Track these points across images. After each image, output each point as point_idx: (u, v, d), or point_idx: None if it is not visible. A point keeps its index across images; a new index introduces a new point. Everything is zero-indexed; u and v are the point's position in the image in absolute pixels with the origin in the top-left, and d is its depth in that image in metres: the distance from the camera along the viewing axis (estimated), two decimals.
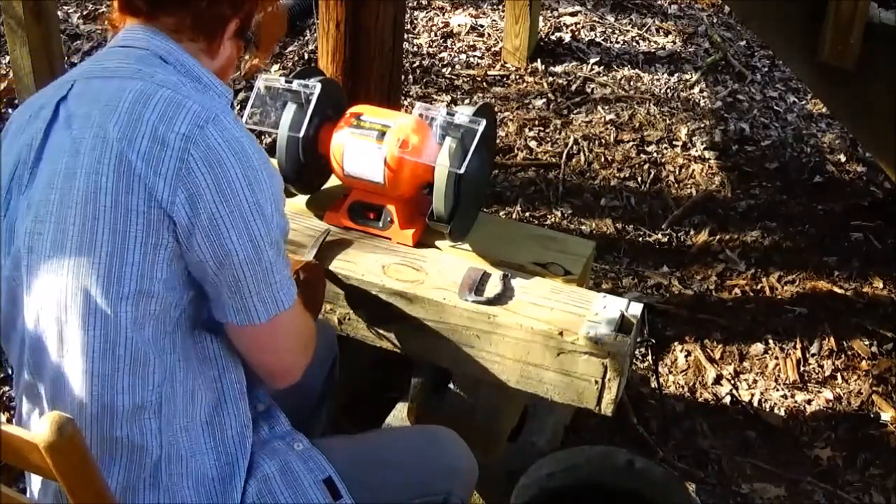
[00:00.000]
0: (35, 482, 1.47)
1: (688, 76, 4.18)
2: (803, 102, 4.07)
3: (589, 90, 4.03)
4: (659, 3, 4.79)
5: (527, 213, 3.30)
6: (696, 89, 4.09)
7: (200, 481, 1.41)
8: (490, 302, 1.83)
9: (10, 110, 3.52)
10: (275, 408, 1.56)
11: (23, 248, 1.34)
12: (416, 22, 4.47)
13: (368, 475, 1.53)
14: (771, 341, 2.83)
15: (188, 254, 1.30)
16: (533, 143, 3.66)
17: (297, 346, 1.47)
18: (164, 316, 1.32)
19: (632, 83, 4.10)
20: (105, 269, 1.28)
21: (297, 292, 1.42)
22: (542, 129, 3.75)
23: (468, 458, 1.67)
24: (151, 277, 1.29)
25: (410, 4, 4.56)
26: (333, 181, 2.08)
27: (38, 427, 1.09)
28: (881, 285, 3.05)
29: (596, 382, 1.79)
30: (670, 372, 2.72)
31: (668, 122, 3.83)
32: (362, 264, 1.92)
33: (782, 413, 2.62)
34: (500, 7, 4.55)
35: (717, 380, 2.70)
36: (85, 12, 4.27)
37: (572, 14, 4.61)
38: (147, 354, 1.32)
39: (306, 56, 4.15)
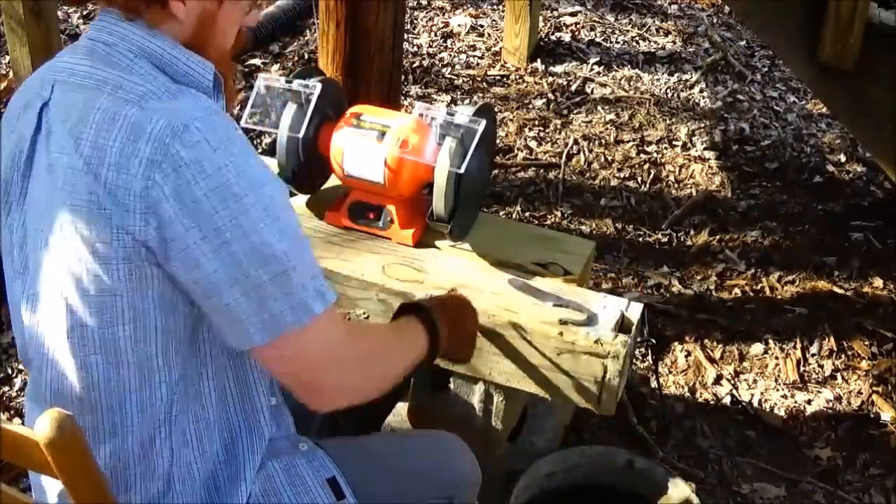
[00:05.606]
0: (37, 479, 1.47)
1: (688, 76, 4.18)
2: (803, 102, 4.07)
3: (589, 90, 4.03)
4: (659, 3, 4.79)
5: (527, 213, 3.30)
6: (696, 89, 4.09)
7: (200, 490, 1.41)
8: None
9: None
10: (284, 406, 1.55)
11: (19, 267, 1.35)
12: (416, 22, 4.47)
13: (372, 477, 1.52)
14: (771, 341, 2.83)
15: (174, 279, 1.25)
16: (533, 143, 3.66)
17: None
18: (172, 334, 1.29)
19: (632, 83, 4.10)
20: (96, 303, 1.26)
21: (323, 304, 1.28)
22: (542, 129, 3.75)
23: (472, 465, 1.67)
24: (144, 303, 1.26)
25: (410, 4, 4.57)
26: (333, 181, 2.08)
27: (39, 424, 1.09)
28: (881, 285, 3.05)
29: (596, 382, 1.78)
30: (670, 372, 2.72)
31: (668, 122, 3.83)
32: (362, 264, 1.91)
33: (782, 413, 2.62)
34: (500, 7, 4.55)
35: (717, 380, 2.70)
36: (85, 12, 4.27)
37: (572, 14, 4.61)
38: (153, 369, 1.30)
39: (306, 56, 4.15)
